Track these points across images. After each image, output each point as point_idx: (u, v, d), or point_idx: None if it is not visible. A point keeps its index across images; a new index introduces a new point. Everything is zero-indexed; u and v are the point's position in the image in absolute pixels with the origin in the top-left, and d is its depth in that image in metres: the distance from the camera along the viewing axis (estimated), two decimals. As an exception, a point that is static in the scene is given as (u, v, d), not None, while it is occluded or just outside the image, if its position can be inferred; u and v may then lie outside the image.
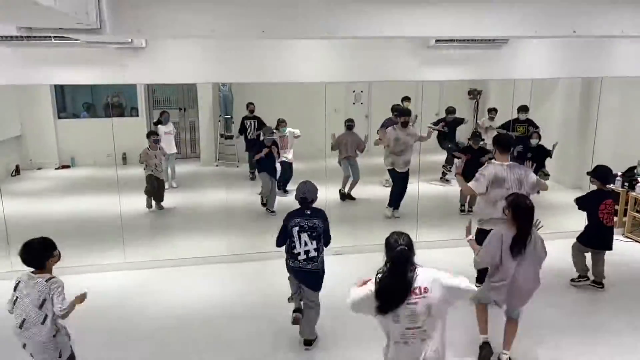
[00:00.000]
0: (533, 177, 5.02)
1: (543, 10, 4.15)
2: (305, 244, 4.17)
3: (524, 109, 8.76)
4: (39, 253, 3.45)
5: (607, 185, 5.61)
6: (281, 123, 9.07)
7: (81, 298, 3.63)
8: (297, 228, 4.21)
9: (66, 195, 9.30)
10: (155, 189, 8.42)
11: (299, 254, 4.20)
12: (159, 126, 9.46)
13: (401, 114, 8.01)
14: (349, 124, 8.70)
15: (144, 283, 5.96)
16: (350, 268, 6.30)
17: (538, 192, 5.29)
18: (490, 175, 4.93)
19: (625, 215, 7.44)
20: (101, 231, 7.42)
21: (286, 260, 4.37)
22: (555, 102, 9.86)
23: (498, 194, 4.83)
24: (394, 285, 2.98)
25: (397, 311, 3.01)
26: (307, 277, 4.29)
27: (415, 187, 8.14)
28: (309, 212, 4.24)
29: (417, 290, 2.99)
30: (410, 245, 3.07)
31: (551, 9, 4.15)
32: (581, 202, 5.57)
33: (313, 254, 4.19)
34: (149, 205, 8.47)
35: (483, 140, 8.36)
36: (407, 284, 2.98)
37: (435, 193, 9.10)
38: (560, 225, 6.98)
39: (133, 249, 6.59)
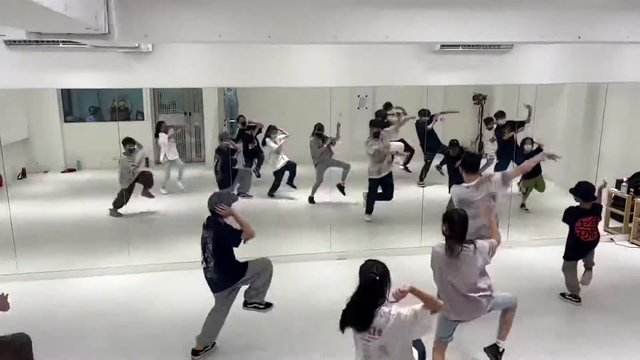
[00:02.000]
0: (497, 175, 4.88)
1: (548, 15, 4.16)
2: (204, 252, 4.39)
3: (500, 115, 8.98)
4: None
5: (590, 202, 5.35)
6: (272, 130, 9.13)
7: None
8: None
9: (72, 198, 9.34)
10: (127, 200, 8.01)
11: (202, 261, 4.42)
12: (160, 134, 9.45)
13: (373, 125, 8.04)
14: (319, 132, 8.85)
15: (148, 286, 5.97)
16: (354, 273, 6.30)
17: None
18: (457, 194, 4.84)
19: (630, 221, 7.41)
20: (106, 234, 7.46)
21: None
22: (560, 108, 9.84)
23: (469, 213, 4.39)
24: (353, 313, 3.01)
25: (356, 338, 3.07)
26: (210, 283, 4.44)
27: (418, 191, 8.18)
28: (205, 223, 4.42)
29: (371, 330, 2.98)
30: (383, 275, 3.01)
31: (556, 15, 4.17)
32: (564, 216, 5.47)
33: (205, 263, 4.37)
34: (117, 215, 8.01)
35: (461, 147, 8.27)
36: (365, 317, 2.97)
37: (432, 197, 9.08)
38: (564, 230, 6.95)
39: (137, 252, 6.61)
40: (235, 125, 10.69)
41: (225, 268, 4.35)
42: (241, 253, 4.53)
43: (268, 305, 4.59)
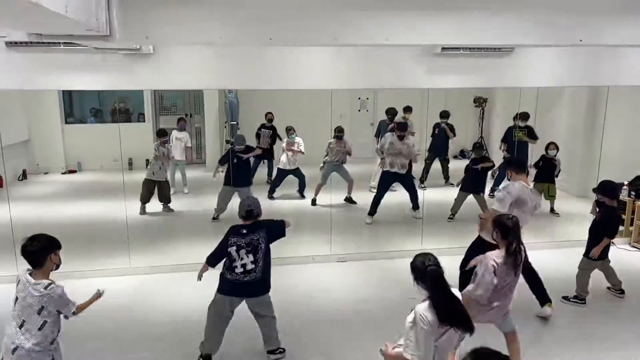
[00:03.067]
0: (540, 206, 5.02)
1: (549, 18, 4.15)
2: (242, 259, 4.25)
3: (524, 116, 8.77)
4: (42, 248, 3.30)
5: (615, 200, 5.46)
6: (289, 130, 9.21)
7: (95, 298, 3.76)
8: (234, 247, 4.26)
9: (72, 199, 9.35)
10: (151, 195, 8.39)
11: (236, 267, 4.27)
12: (173, 131, 9.49)
13: (398, 129, 8.11)
14: (339, 134, 8.80)
15: (149, 288, 5.97)
16: (354, 275, 6.31)
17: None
18: (516, 194, 4.75)
19: (631, 224, 7.39)
20: (106, 236, 7.45)
21: (222, 274, 4.37)
22: (561, 111, 9.84)
23: (516, 214, 4.46)
24: (450, 304, 2.88)
25: (436, 344, 2.87)
26: (245, 288, 4.29)
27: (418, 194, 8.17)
28: (244, 231, 4.29)
29: None
30: (439, 264, 2.99)
31: (557, 18, 4.16)
32: (612, 230, 5.40)
33: (250, 267, 4.24)
34: (143, 212, 8.39)
35: (486, 150, 8.37)
36: (456, 298, 2.91)
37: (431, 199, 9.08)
38: (565, 234, 6.94)
39: (138, 254, 6.60)
40: (235, 127, 10.71)
41: (268, 268, 4.35)
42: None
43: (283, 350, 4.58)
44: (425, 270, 2.92)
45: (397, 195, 8.89)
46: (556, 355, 4.54)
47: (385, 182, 8.12)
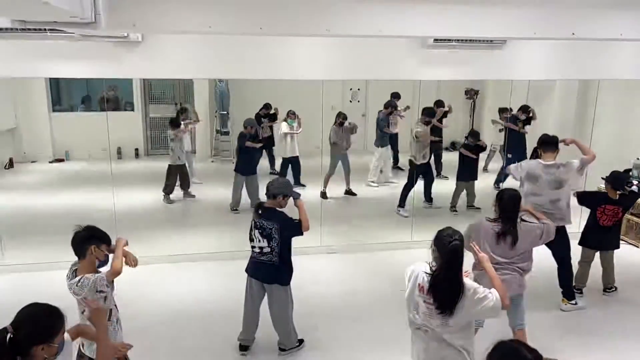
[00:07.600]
0: (574, 162, 5.04)
1: (542, 12, 4.14)
2: (260, 241, 4.25)
3: (524, 109, 8.85)
4: (84, 238, 3.36)
5: (617, 191, 5.51)
6: (291, 115, 9.11)
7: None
8: (253, 223, 4.31)
9: (60, 189, 9.25)
10: (176, 181, 8.49)
11: (254, 247, 4.31)
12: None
13: (427, 115, 8.18)
14: (342, 120, 8.79)
15: (138, 279, 5.88)
16: (344, 267, 6.31)
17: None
18: (526, 168, 5.18)
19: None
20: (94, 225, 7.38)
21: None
22: (552, 104, 9.87)
23: (529, 189, 5.09)
24: (448, 282, 2.89)
25: (418, 302, 2.99)
26: (261, 268, 4.29)
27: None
28: (260, 212, 4.27)
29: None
30: (462, 242, 2.96)
31: (551, 11, 4.15)
32: (582, 198, 5.58)
33: (267, 250, 4.23)
34: (170, 201, 8.53)
35: (480, 140, 8.38)
36: (460, 282, 2.90)
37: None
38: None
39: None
40: (225, 117, 10.63)
41: (286, 261, 4.30)
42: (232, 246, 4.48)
43: (301, 341, 4.62)
44: (448, 244, 2.91)
45: (389, 188, 8.90)
46: (549, 350, 4.54)
47: (418, 173, 8.23)
